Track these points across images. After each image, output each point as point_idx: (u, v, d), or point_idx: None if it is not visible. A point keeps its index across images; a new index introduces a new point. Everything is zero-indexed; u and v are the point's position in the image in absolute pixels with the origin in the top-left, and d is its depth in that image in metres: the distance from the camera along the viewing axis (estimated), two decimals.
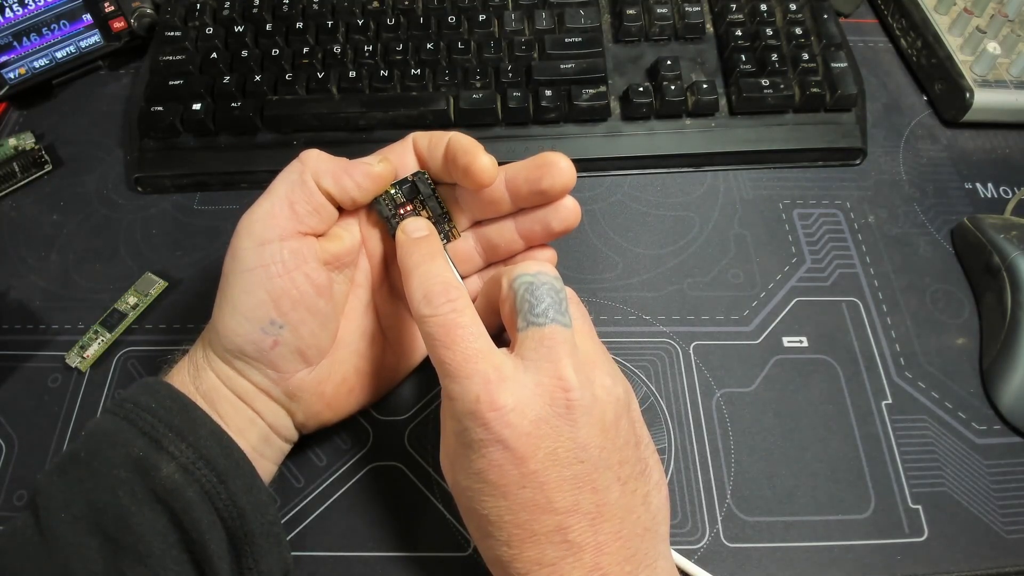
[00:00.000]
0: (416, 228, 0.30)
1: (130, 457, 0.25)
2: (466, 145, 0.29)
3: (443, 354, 0.25)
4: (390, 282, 0.33)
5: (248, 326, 0.28)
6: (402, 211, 0.31)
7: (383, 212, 0.31)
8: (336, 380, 0.31)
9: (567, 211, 0.31)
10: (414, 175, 0.31)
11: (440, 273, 0.27)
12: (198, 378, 0.29)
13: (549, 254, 0.33)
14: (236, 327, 0.28)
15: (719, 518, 0.32)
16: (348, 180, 0.29)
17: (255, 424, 0.29)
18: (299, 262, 0.28)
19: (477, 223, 0.33)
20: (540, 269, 0.27)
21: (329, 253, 0.29)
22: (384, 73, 0.42)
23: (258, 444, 0.29)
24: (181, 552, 0.25)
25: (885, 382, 0.35)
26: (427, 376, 0.35)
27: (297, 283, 0.28)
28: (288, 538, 0.31)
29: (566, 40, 0.43)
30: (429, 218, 0.31)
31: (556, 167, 0.29)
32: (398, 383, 0.35)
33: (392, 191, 0.31)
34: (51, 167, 0.44)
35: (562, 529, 0.23)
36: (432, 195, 0.31)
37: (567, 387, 0.24)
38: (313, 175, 0.29)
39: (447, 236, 0.32)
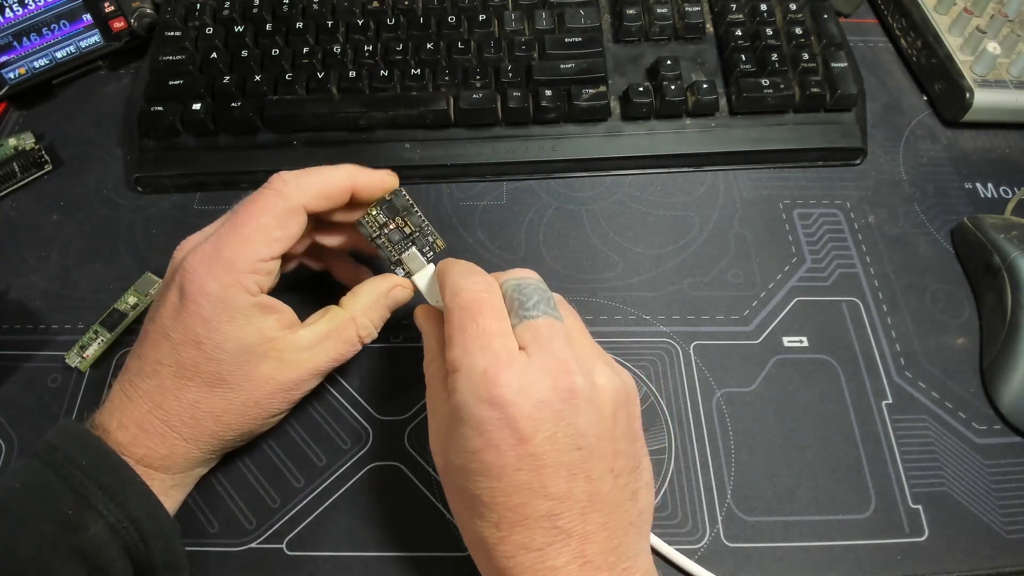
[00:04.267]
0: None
1: (58, 512, 0.25)
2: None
3: (465, 323, 0.25)
4: None
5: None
6: (386, 229, 0.31)
7: (368, 233, 0.31)
8: None
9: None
10: (391, 193, 0.31)
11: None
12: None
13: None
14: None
15: (719, 518, 0.32)
16: None
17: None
18: None
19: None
20: (524, 275, 0.28)
21: None
22: (384, 73, 0.42)
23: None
24: None
25: (885, 382, 0.35)
26: None
27: None
28: (288, 538, 0.31)
29: (566, 40, 0.43)
30: (412, 232, 0.32)
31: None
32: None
33: (373, 212, 0.31)
34: (51, 167, 0.44)
35: (553, 515, 0.24)
36: (410, 208, 0.32)
37: (570, 371, 0.24)
38: None
39: (432, 248, 0.32)
